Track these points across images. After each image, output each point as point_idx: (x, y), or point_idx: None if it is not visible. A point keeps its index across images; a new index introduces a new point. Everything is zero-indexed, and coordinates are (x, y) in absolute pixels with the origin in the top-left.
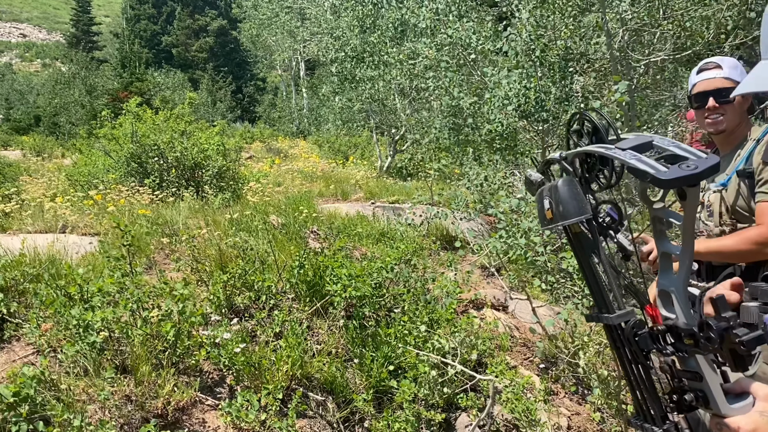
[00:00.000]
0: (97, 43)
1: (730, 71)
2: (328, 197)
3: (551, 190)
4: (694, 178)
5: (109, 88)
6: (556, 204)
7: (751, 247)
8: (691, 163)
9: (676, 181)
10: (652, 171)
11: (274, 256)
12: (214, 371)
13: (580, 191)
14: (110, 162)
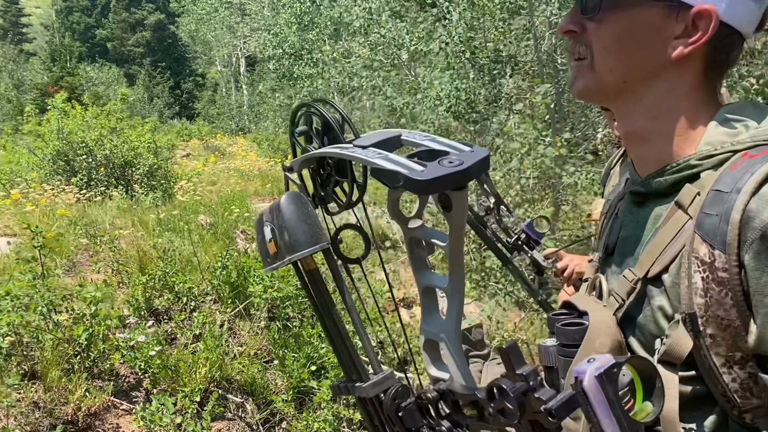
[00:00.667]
0: (27, 35)
1: None
2: (264, 196)
3: (272, 212)
4: (459, 177)
5: (38, 82)
6: (280, 231)
7: None
8: (454, 159)
9: (436, 182)
10: (405, 171)
11: (197, 258)
12: (131, 375)
13: (312, 211)
14: (35, 160)
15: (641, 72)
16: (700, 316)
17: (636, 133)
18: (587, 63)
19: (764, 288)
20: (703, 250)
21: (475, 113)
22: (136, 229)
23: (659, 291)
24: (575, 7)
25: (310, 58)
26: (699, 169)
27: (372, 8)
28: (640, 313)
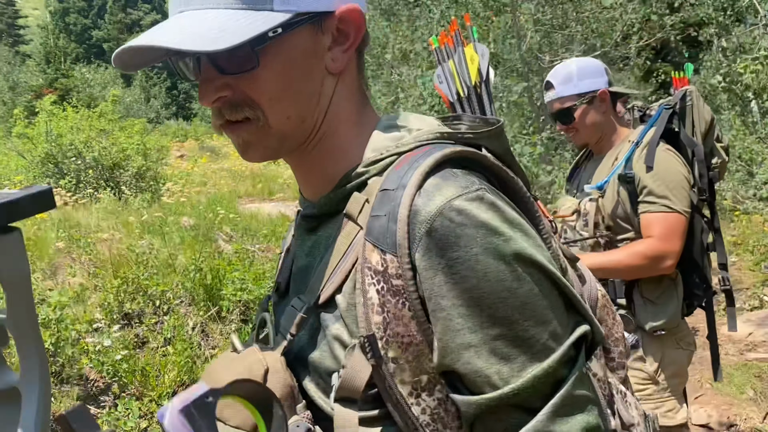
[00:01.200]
0: (23, 37)
1: (561, 89)
2: (254, 196)
3: None
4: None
5: (33, 84)
6: None
7: (643, 262)
8: None
9: None
10: None
11: (173, 260)
12: (100, 379)
13: None
14: (24, 163)
15: (315, 102)
16: (379, 337)
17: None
18: (260, 124)
19: (439, 289)
20: (375, 257)
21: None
22: (118, 232)
23: (334, 317)
24: (208, 74)
25: None
26: (366, 177)
27: None
28: (315, 349)
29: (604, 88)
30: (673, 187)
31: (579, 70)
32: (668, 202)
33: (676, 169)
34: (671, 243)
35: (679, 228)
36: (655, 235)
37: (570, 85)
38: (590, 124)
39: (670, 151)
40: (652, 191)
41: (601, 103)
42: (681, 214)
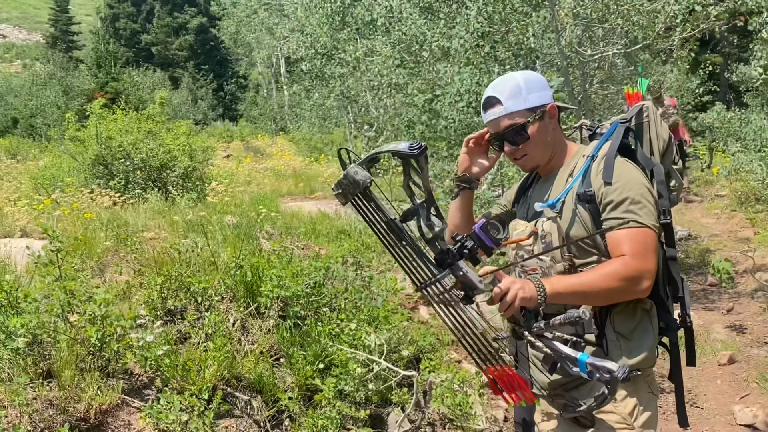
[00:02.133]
0: (77, 43)
1: (511, 104)
2: (296, 195)
3: None
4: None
5: (85, 88)
6: None
7: (619, 283)
8: None
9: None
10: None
11: (215, 258)
12: (144, 374)
13: None
14: (76, 165)
15: None
16: None
17: None
18: None
19: None
20: None
21: None
22: (163, 231)
23: None
24: None
25: (341, 58)
26: None
27: (393, 6)
28: None
29: (551, 102)
30: (639, 200)
31: (526, 83)
32: (635, 216)
33: (639, 181)
34: (645, 260)
35: (651, 244)
36: (627, 253)
37: (519, 99)
38: (543, 143)
39: (629, 163)
40: (616, 206)
41: (550, 119)
42: (651, 229)
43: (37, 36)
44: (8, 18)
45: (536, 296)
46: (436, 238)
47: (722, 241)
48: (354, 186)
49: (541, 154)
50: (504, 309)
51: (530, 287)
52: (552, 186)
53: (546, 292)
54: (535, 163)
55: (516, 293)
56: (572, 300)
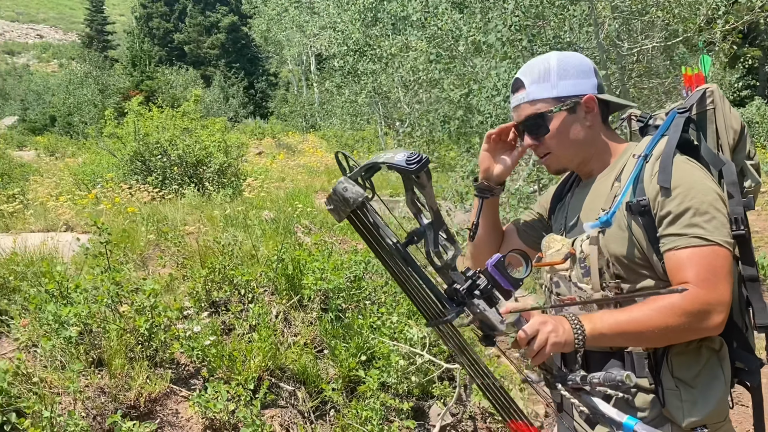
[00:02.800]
0: (111, 42)
1: (534, 89)
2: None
3: None
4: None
5: (120, 87)
6: None
7: (680, 319)
8: None
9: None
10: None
11: (255, 251)
12: (190, 364)
13: None
14: (114, 161)
15: None
16: None
17: None
18: None
19: None
20: None
21: None
22: (203, 225)
23: None
24: None
25: (373, 54)
26: None
27: (428, 1)
28: None
29: (591, 93)
30: (705, 210)
31: (559, 67)
32: (701, 231)
33: (705, 186)
34: (716, 289)
35: (723, 266)
36: (691, 280)
37: (546, 85)
38: (570, 140)
39: (692, 162)
40: (676, 219)
41: (586, 113)
42: (722, 246)
43: (72, 36)
44: (45, 19)
45: (572, 340)
46: (447, 267)
47: (764, 237)
48: (344, 204)
49: (569, 154)
50: (532, 356)
51: (565, 329)
52: (590, 192)
53: (585, 334)
54: (560, 164)
55: (546, 338)
56: (620, 342)
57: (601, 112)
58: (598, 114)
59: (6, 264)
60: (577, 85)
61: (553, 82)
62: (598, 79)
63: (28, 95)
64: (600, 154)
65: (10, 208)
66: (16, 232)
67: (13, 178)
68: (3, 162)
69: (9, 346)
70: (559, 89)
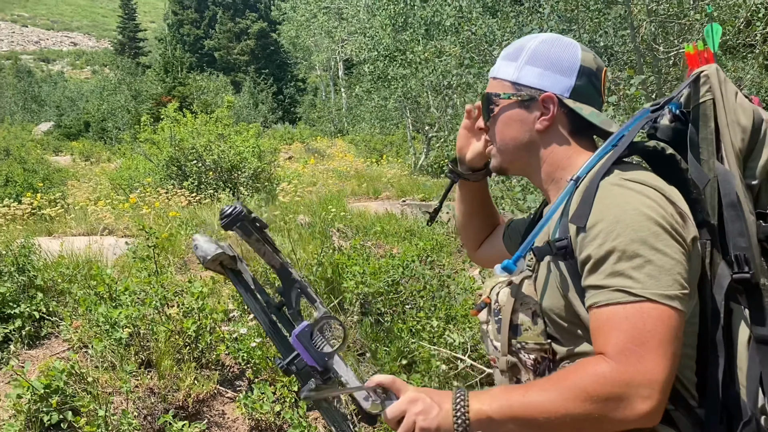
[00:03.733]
0: (143, 49)
1: (501, 65)
2: (360, 196)
3: None
4: None
5: (153, 93)
6: None
7: (588, 407)
8: None
9: None
10: None
11: (296, 255)
12: (235, 365)
13: None
14: (151, 166)
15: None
16: None
17: None
18: None
19: None
20: None
21: None
22: None
23: None
24: None
25: (404, 59)
26: None
27: (462, 6)
28: None
29: (554, 93)
30: (635, 251)
31: (535, 50)
32: (626, 282)
33: (642, 215)
34: (640, 364)
35: (657, 332)
36: (606, 351)
37: (512, 65)
38: (510, 137)
39: (631, 184)
40: (596, 265)
41: (542, 115)
42: (657, 303)
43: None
44: (79, 27)
45: (450, 425)
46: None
47: None
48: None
49: (506, 153)
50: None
51: (441, 410)
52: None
53: (468, 418)
54: (498, 162)
55: (413, 420)
56: (515, 430)
57: (572, 123)
58: (557, 120)
59: (54, 267)
60: (542, 77)
61: (519, 64)
62: (583, 83)
63: (63, 101)
64: (554, 170)
65: (52, 212)
66: (58, 235)
67: (53, 183)
68: (43, 167)
69: (59, 347)
70: (521, 74)
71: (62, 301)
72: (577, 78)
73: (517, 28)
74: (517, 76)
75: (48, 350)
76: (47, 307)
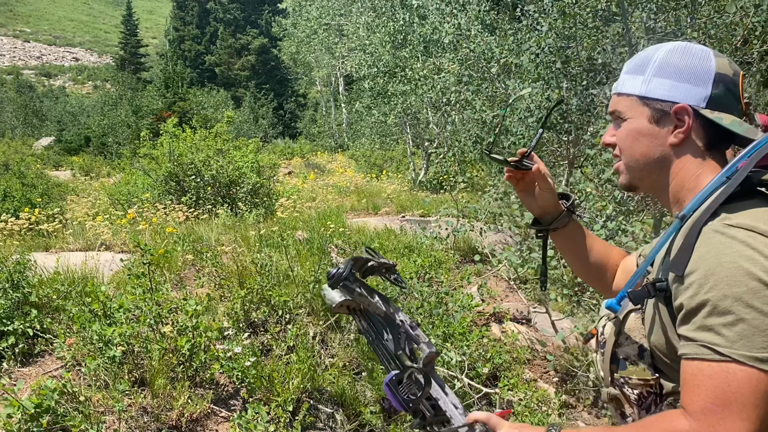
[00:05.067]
0: (144, 65)
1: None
2: (359, 211)
3: None
4: None
5: (154, 108)
6: None
7: None
8: None
9: None
10: None
11: (292, 272)
12: (229, 384)
13: None
14: (149, 181)
15: None
16: None
17: None
18: None
19: None
20: None
21: (567, 123)
22: (238, 245)
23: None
24: None
25: (403, 76)
26: None
27: (461, 24)
28: None
29: (689, 104)
30: (728, 308)
31: (663, 60)
32: (715, 339)
33: (739, 270)
34: (720, 424)
35: (741, 395)
36: (687, 407)
37: (638, 78)
38: (639, 153)
39: (737, 231)
40: (688, 316)
41: (675, 128)
42: (745, 365)
43: (107, 58)
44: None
45: None
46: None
47: None
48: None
49: (635, 171)
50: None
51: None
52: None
53: None
54: (627, 179)
55: None
56: None
57: (708, 135)
58: (692, 133)
59: (49, 283)
60: (674, 89)
61: (647, 77)
62: (720, 91)
63: (64, 116)
64: (679, 191)
65: (50, 228)
66: (55, 251)
67: (52, 198)
68: (42, 182)
69: (53, 364)
70: (650, 88)
71: (57, 318)
72: (713, 86)
73: (515, 46)
74: (646, 89)
75: (41, 368)
76: (41, 324)
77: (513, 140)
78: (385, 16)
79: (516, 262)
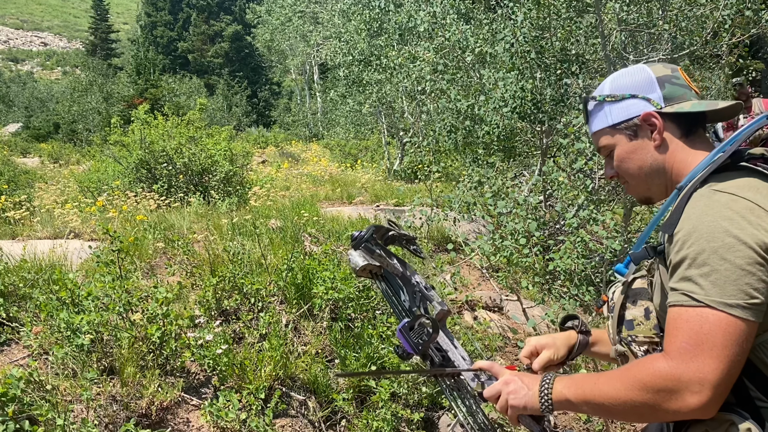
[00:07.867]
0: (116, 51)
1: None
2: (333, 200)
3: None
4: None
5: (125, 95)
6: None
7: (642, 396)
8: None
9: None
10: None
11: (265, 260)
12: (201, 372)
13: None
14: (120, 169)
15: None
16: None
17: None
18: None
19: None
20: None
21: (541, 113)
22: (210, 233)
23: None
24: None
25: (378, 64)
26: None
27: (436, 12)
28: None
29: (647, 109)
30: (705, 260)
31: (611, 91)
32: (691, 288)
33: (717, 227)
34: (693, 362)
35: (714, 337)
36: (666, 348)
37: (601, 114)
38: (636, 168)
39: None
40: (673, 270)
41: (653, 133)
42: (717, 310)
43: (76, 44)
44: (50, 27)
45: (536, 403)
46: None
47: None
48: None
49: (641, 184)
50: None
51: (530, 391)
52: None
53: (551, 399)
54: (639, 194)
55: (506, 399)
56: (589, 412)
57: (680, 126)
58: (666, 129)
59: (16, 271)
60: (631, 107)
61: (606, 111)
62: (668, 89)
63: (32, 102)
64: (679, 181)
65: (17, 215)
66: (23, 239)
67: (19, 185)
68: (8, 169)
69: (20, 353)
70: (613, 116)
71: (23, 306)
72: (660, 87)
73: (490, 35)
74: (611, 119)
75: (7, 357)
76: (7, 312)
77: (487, 129)
78: (361, 4)
79: (488, 251)
